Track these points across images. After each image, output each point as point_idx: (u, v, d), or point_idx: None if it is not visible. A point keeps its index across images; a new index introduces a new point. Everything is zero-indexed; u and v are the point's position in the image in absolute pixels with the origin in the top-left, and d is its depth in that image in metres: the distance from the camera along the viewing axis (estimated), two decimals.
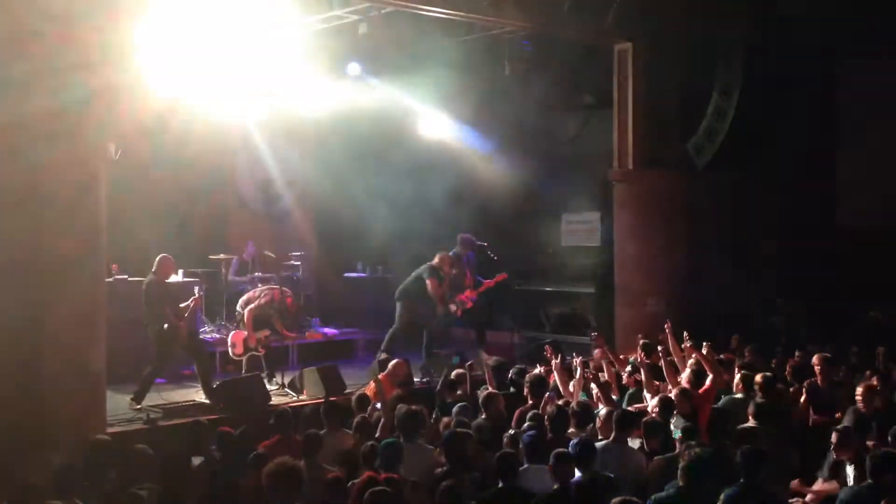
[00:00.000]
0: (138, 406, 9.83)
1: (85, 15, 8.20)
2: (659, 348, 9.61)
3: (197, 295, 11.21)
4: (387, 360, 11.22)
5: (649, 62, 13.31)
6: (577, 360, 9.06)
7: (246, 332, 11.28)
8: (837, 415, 8.37)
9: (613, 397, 8.70)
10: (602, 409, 7.82)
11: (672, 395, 8.04)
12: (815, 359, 9.12)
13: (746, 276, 13.90)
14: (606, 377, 9.26)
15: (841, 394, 8.86)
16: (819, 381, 8.86)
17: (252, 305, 11.42)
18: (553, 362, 9.35)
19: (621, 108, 13.60)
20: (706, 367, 8.63)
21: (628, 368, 9.77)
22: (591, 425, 7.67)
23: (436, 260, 12.48)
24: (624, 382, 9.40)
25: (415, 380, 10.74)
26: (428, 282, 12.36)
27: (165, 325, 10.09)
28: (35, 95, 8.31)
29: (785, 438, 7.79)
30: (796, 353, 10.52)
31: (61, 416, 8.36)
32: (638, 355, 10.49)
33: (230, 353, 11.45)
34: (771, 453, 6.17)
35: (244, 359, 11.36)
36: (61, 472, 6.28)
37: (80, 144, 8.67)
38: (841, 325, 12.53)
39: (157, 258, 10.44)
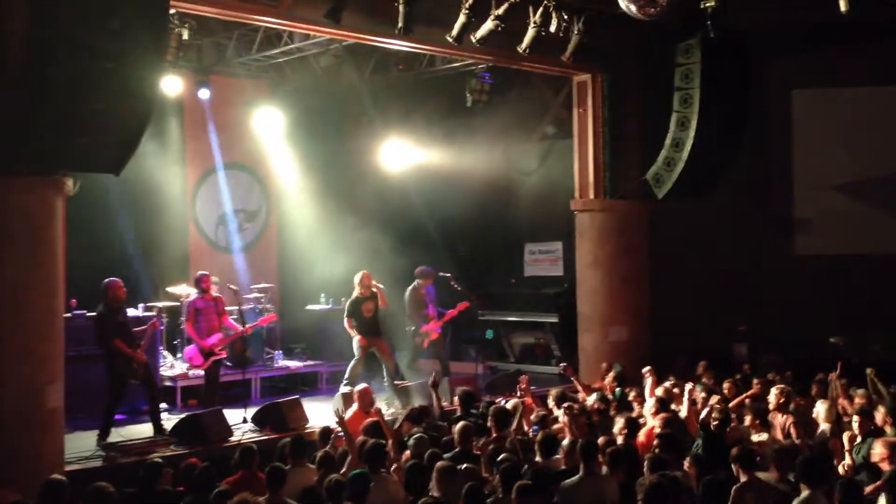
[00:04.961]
0: (104, 443, 9.70)
1: None
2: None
3: (154, 319, 11.17)
4: (350, 393, 11.15)
5: (608, 93, 13.49)
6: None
7: (194, 343, 11.26)
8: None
9: None
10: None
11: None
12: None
13: (708, 304, 14.02)
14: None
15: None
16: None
17: (184, 318, 11.42)
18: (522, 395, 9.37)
19: (581, 138, 13.75)
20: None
21: (594, 397, 9.84)
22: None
23: (355, 290, 12.21)
24: (589, 410, 9.44)
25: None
26: (345, 320, 12.16)
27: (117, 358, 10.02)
28: None
29: None
30: (754, 381, 10.62)
31: (19, 454, 8.21)
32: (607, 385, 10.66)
33: (191, 368, 11.53)
34: None
35: (206, 375, 11.39)
36: None
37: (36, 179, 8.61)
38: (802, 352, 12.65)
39: (104, 284, 10.17)
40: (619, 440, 7.98)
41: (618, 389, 10.60)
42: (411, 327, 13.04)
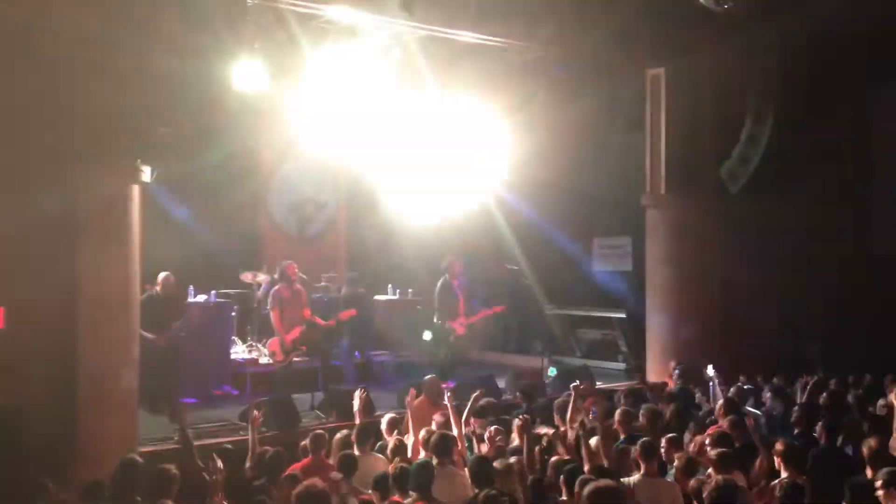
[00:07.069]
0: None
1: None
2: None
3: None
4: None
5: (681, 87, 13.28)
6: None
7: (277, 336, 11.35)
8: None
9: None
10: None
11: None
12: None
13: (782, 302, 13.75)
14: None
15: None
16: None
17: (269, 305, 11.46)
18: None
19: (653, 133, 13.55)
20: None
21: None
22: None
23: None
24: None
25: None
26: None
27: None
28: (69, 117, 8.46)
29: None
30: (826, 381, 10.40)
31: (96, 435, 8.45)
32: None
33: (273, 362, 11.53)
34: None
35: (284, 365, 11.42)
36: (88, 488, 6.32)
37: (115, 167, 8.82)
38: (878, 354, 12.35)
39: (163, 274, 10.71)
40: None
41: (678, 384, 10.48)
42: (438, 321, 12.88)
